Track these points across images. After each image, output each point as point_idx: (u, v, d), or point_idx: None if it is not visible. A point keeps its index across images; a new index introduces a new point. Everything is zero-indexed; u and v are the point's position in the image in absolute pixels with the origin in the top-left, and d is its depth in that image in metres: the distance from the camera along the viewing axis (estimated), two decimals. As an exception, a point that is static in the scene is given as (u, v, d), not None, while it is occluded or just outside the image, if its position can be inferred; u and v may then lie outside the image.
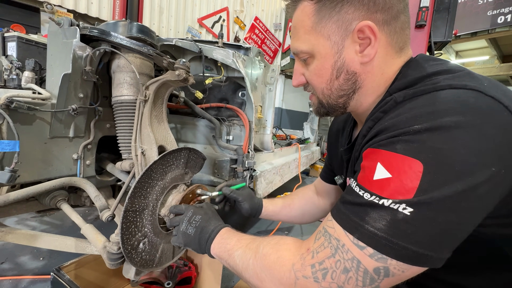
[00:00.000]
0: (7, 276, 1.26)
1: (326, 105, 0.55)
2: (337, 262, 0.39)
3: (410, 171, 0.35)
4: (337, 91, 0.52)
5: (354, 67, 0.49)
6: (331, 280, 0.39)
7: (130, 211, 0.74)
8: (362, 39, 0.46)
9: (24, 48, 0.98)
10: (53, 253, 1.48)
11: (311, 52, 0.51)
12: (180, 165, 0.90)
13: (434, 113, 0.36)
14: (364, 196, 0.39)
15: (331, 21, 0.47)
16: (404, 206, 0.35)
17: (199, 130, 1.53)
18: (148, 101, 0.90)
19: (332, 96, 0.53)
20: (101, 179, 1.06)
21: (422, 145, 0.35)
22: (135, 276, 0.83)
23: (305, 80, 0.56)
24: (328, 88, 0.52)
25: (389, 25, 0.46)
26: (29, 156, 0.80)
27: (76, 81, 0.86)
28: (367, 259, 0.37)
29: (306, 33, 0.50)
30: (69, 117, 0.88)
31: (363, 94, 0.51)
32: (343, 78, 0.50)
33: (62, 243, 0.84)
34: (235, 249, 0.54)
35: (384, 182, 0.37)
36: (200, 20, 4.87)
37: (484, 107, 0.35)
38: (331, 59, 0.49)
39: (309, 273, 0.41)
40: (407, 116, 0.38)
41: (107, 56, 0.94)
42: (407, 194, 0.35)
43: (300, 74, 0.56)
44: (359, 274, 0.37)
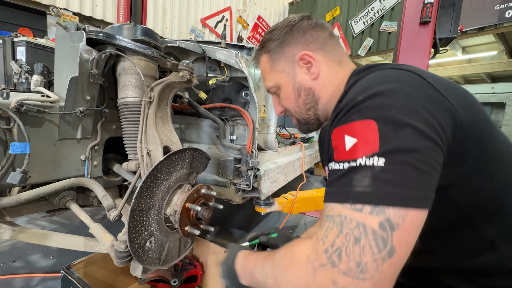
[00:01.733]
0: (19, 274, 1.30)
1: (302, 121, 0.69)
2: (346, 236, 0.40)
3: (368, 130, 0.43)
4: (304, 106, 0.66)
5: (308, 84, 0.64)
6: (347, 259, 0.39)
7: (136, 211, 0.76)
8: (306, 63, 0.63)
9: (32, 52, 1.01)
10: (63, 252, 1.51)
11: (277, 85, 0.67)
12: (185, 165, 0.91)
13: (369, 87, 0.47)
14: (343, 166, 0.44)
15: (281, 60, 0.65)
16: (376, 158, 0.41)
17: (203, 130, 1.54)
18: (153, 103, 0.92)
19: (302, 111, 0.67)
20: (108, 179, 1.09)
21: (368, 108, 0.44)
22: (142, 274, 0.85)
23: (283, 108, 0.71)
24: (297, 105, 0.67)
25: (322, 49, 0.63)
26: (39, 157, 0.82)
27: (83, 84, 0.89)
28: (369, 218, 0.39)
29: (269, 74, 0.68)
30: (76, 119, 0.90)
31: (325, 103, 0.64)
32: (304, 95, 0.65)
33: (72, 241, 0.86)
34: (254, 266, 0.55)
35: (354, 147, 0.43)
36: (203, 20, 4.89)
37: (402, 77, 0.48)
38: (290, 84, 0.65)
39: (324, 259, 0.41)
40: (352, 94, 0.49)
41: (113, 59, 0.96)
42: (374, 148, 0.41)
43: (278, 104, 0.72)
44: (370, 238, 0.38)
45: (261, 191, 1.43)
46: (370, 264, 0.38)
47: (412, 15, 1.98)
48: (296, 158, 2.15)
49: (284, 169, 1.81)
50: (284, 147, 2.16)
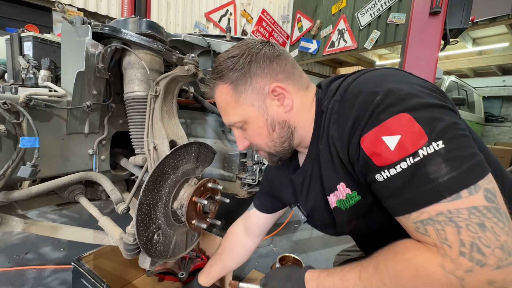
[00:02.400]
0: (32, 265, 1.33)
1: (275, 153, 0.64)
2: (468, 228, 0.36)
3: (406, 122, 0.41)
4: (279, 139, 0.61)
5: (282, 117, 0.59)
6: (490, 249, 0.35)
7: (144, 204, 0.76)
8: (277, 95, 0.58)
9: (39, 47, 1.01)
10: (72, 245, 1.55)
11: (244, 120, 0.61)
12: (191, 159, 0.91)
13: (375, 88, 0.46)
14: (402, 167, 0.41)
15: (248, 92, 0.58)
16: (434, 144, 0.39)
17: (208, 124, 1.54)
18: (158, 97, 0.92)
19: (277, 144, 0.62)
20: (115, 174, 1.10)
21: (392, 104, 0.43)
22: (150, 266, 0.86)
23: (248, 142, 0.66)
24: (271, 140, 0.62)
25: (290, 79, 0.59)
26: (48, 151, 0.83)
27: (90, 79, 0.89)
28: (474, 199, 0.37)
29: (233, 107, 0.60)
30: (84, 113, 0.91)
31: (300, 130, 0.61)
32: (279, 128, 0.60)
33: (81, 234, 0.88)
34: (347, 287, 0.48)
35: (401, 144, 0.41)
36: (207, 15, 4.85)
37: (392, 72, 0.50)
38: (261, 118, 0.59)
39: (467, 263, 0.36)
40: (364, 98, 0.46)
41: (118, 53, 0.96)
42: (423, 136, 0.40)
43: (242, 139, 0.66)
44: (489, 216, 0.36)
45: (266, 185, 1.43)
46: (509, 240, 0.35)
47: (422, 5, 1.92)
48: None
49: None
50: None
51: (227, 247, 0.96)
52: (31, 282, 1.21)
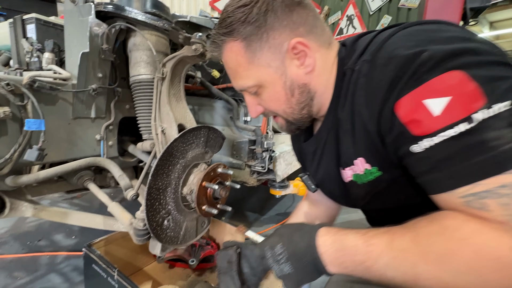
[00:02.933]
0: (45, 252, 1.35)
1: (293, 121, 0.57)
2: None
3: (457, 81, 0.34)
4: (298, 105, 0.54)
5: (302, 80, 0.51)
6: None
7: (153, 188, 0.74)
8: (298, 53, 0.49)
9: (42, 30, 0.98)
10: (84, 232, 1.57)
11: (258, 84, 0.52)
12: (200, 143, 0.88)
13: (422, 43, 0.38)
14: (451, 134, 0.34)
15: (264, 51, 0.49)
16: (496, 107, 0.32)
17: (216, 111, 1.50)
18: (165, 79, 0.88)
19: (295, 111, 0.55)
20: (123, 160, 1.08)
21: (441, 61, 0.35)
22: (161, 252, 0.84)
23: (262, 109, 0.58)
24: (289, 106, 0.54)
25: (312, 32, 0.50)
26: (55, 136, 0.81)
27: (94, 61, 0.86)
28: None
29: (246, 69, 0.51)
30: (89, 97, 0.88)
31: (320, 95, 0.54)
32: (298, 93, 0.52)
33: (91, 220, 0.87)
34: (373, 256, 0.39)
35: (450, 106, 0.34)
36: (212, 3, 4.73)
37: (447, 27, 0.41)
38: (279, 82, 0.51)
39: None
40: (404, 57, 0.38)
41: (123, 34, 0.92)
42: (482, 97, 0.33)
43: (255, 105, 0.58)
44: None
45: (276, 173, 1.40)
46: None
47: (441, -18, 1.81)
48: (310, 141, 2.09)
49: (299, 151, 1.76)
50: (298, 130, 2.10)
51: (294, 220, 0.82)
52: (45, 267, 1.23)
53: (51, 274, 1.19)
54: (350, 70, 0.48)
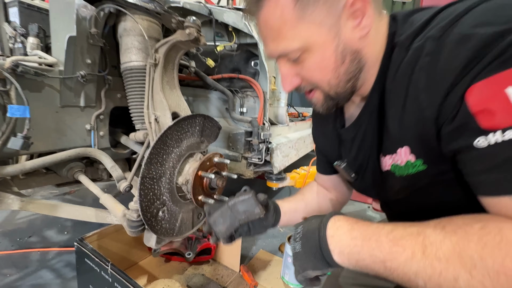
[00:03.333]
0: (35, 248, 1.31)
1: (334, 96, 0.49)
2: None
3: None
4: (345, 76, 0.46)
5: (355, 45, 0.44)
6: None
7: (147, 178, 0.71)
8: (355, 11, 0.42)
9: (26, 13, 0.93)
10: (77, 227, 1.53)
11: (305, 46, 0.44)
12: (195, 132, 0.85)
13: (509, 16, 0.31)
14: None
15: (319, 4, 0.41)
16: None
17: (211, 102, 1.47)
18: (158, 65, 0.84)
19: (341, 83, 0.47)
20: (116, 152, 1.04)
21: None
22: (156, 245, 0.82)
23: (300, 81, 0.50)
24: (335, 77, 0.46)
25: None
26: (42, 124, 0.77)
27: (83, 46, 0.81)
28: None
29: (292, 27, 0.43)
30: (78, 84, 0.84)
31: (368, 69, 0.47)
32: (349, 61, 0.45)
33: (83, 212, 0.84)
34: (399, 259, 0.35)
35: None
36: (206, -5, 4.65)
37: None
38: (331, 45, 0.43)
39: None
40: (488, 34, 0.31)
41: (113, 19, 0.88)
42: None
43: (292, 75, 0.49)
44: None
45: (273, 164, 1.38)
46: None
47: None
48: (307, 134, 2.07)
49: (295, 144, 1.74)
50: (294, 122, 2.08)
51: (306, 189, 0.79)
52: (35, 264, 1.19)
53: (42, 270, 1.16)
54: (404, 46, 0.42)
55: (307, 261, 0.43)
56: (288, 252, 0.68)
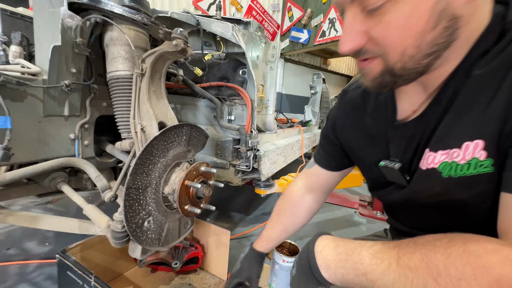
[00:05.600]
0: (14, 261, 1.26)
1: (398, 72, 0.39)
2: None
3: None
4: (427, 48, 0.36)
5: (458, 10, 0.34)
6: None
7: (132, 188, 0.71)
8: None
9: (9, 21, 0.91)
10: (59, 239, 1.47)
11: None
12: (182, 142, 0.86)
13: None
14: None
15: None
16: None
17: (199, 110, 1.48)
18: (145, 75, 0.85)
19: (417, 56, 0.37)
20: (101, 161, 1.03)
21: None
22: (141, 256, 0.81)
23: (366, 41, 0.38)
24: (416, 45, 0.36)
25: None
26: (24, 135, 0.76)
27: (67, 55, 0.81)
28: None
29: None
30: (62, 94, 0.83)
31: (455, 48, 0.38)
32: (442, 27, 0.35)
33: (65, 224, 0.82)
34: (378, 270, 0.36)
35: None
36: (195, 3, 4.68)
37: None
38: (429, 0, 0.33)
39: None
40: None
41: (99, 28, 0.88)
42: None
43: (359, 32, 0.38)
44: None
45: (261, 172, 1.39)
46: None
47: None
48: (295, 141, 2.11)
49: (283, 150, 1.77)
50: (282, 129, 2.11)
51: (286, 208, 0.77)
52: (14, 278, 1.15)
53: (22, 284, 1.11)
54: None
55: (300, 281, 0.44)
56: (276, 260, 0.69)
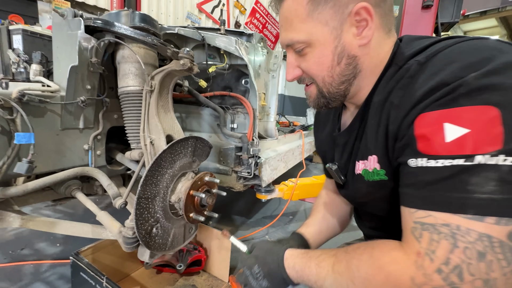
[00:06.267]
0: (28, 261, 1.33)
1: (326, 95, 0.54)
2: (465, 251, 0.33)
3: (486, 118, 0.33)
4: (339, 77, 0.51)
5: (354, 51, 0.49)
6: (472, 278, 0.33)
7: (142, 198, 0.78)
8: (359, 21, 0.47)
9: (29, 41, 0.99)
10: (69, 240, 1.55)
11: (308, 41, 0.50)
12: (187, 153, 0.92)
13: (480, 62, 0.35)
14: (446, 164, 0.35)
15: (327, 6, 0.47)
16: (504, 156, 0.32)
17: (203, 119, 1.54)
18: (154, 91, 0.92)
19: (334, 83, 0.52)
20: (111, 169, 1.10)
21: (487, 90, 0.34)
22: (149, 259, 0.88)
23: (301, 72, 0.55)
24: (330, 75, 0.51)
25: (380, 7, 0.48)
26: (43, 147, 0.83)
27: (83, 73, 0.88)
28: (495, 229, 0.32)
29: (302, 21, 0.49)
30: (78, 108, 0.90)
31: (362, 78, 0.52)
32: (344, 63, 0.50)
33: (80, 229, 0.89)
34: (321, 279, 0.48)
35: (462, 139, 0.34)
36: (199, 5, 4.74)
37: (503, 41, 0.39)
38: (330, 45, 0.49)
39: (439, 281, 0.34)
40: (453, 70, 0.37)
41: (112, 47, 0.95)
42: (496, 142, 0.32)
43: (295, 67, 0.55)
44: (497, 251, 0.32)
45: (262, 178, 1.45)
46: (500, 279, 0.32)
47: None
48: (295, 146, 2.16)
49: (284, 156, 1.83)
50: (283, 135, 2.17)
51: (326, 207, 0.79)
52: (29, 277, 1.22)
53: (36, 283, 1.18)
54: (398, 65, 0.47)
55: None
56: None
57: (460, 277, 0.33)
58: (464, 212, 0.34)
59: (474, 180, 0.33)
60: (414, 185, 0.39)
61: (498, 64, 0.35)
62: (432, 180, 0.36)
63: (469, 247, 0.33)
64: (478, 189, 0.33)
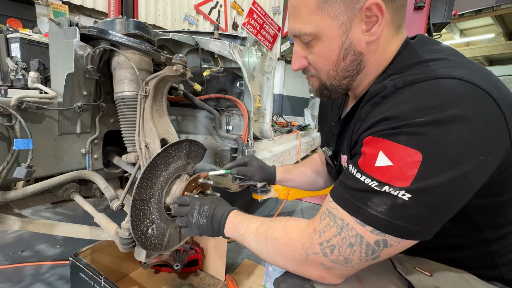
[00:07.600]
0: (29, 262, 1.36)
1: (329, 87, 0.56)
2: (343, 239, 0.44)
3: (410, 160, 0.39)
4: (343, 72, 0.53)
5: (360, 47, 0.49)
6: (338, 254, 0.45)
7: (138, 200, 0.80)
8: (369, 17, 0.47)
9: (27, 48, 1.01)
10: (68, 241, 1.58)
11: (316, 33, 0.49)
12: (182, 156, 0.95)
13: (434, 107, 0.39)
14: (365, 181, 0.43)
15: (338, 1, 0.46)
16: (404, 192, 0.39)
17: (199, 121, 1.57)
18: (148, 96, 0.94)
19: (337, 77, 0.54)
20: (108, 171, 1.13)
21: (423, 138, 0.39)
22: (146, 259, 0.91)
23: (307, 63, 0.56)
24: (334, 69, 0.53)
25: (393, 2, 0.47)
26: (42, 152, 0.86)
27: (80, 80, 0.91)
28: (369, 235, 0.43)
29: (311, 13, 0.48)
30: (75, 114, 0.93)
31: (365, 74, 0.53)
32: (350, 59, 0.50)
33: (78, 231, 0.92)
34: (247, 234, 0.60)
35: (385, 169, 0.41)
36: (197, 7, 4.77)
37: (478, 101, 0.39)
38: (338, 40, 0.49)
39: (318, 249, 0.47)
40: (408, 108, 0.40)
41: (107, 54, 0.98)
42: (406, 181, 0.39)
43: (301, 57, 0.55)
44: (362, 247, 0.43)
45: (257, 179, 1.48)
46: (355, 261, 0.45)
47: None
48: (292, 146, 2.19)
49: (280, 157, 1.86)
50: (280, 135, 2.20)
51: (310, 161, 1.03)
52: (29, 278, 1.25)
53: (37, 284, 1.21)
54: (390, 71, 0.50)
55: (207, 232, 0.68)
56: None
57: (331, 251, 0.45)
58: (356, 216, 0.43)
59: (374, 200, 0.42)
60: (340, 183, 0.48)
61: (447, 116, 0.38)
62: (351, 186, 0.45)
63: (346, 237, 0.44)
64: (373, 206, 0.41)
